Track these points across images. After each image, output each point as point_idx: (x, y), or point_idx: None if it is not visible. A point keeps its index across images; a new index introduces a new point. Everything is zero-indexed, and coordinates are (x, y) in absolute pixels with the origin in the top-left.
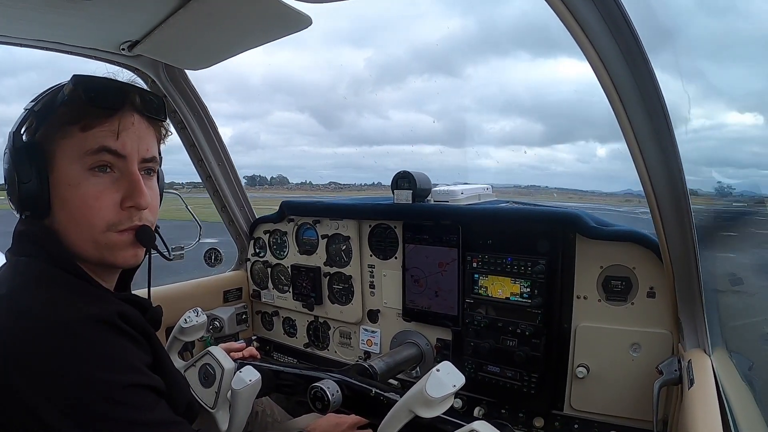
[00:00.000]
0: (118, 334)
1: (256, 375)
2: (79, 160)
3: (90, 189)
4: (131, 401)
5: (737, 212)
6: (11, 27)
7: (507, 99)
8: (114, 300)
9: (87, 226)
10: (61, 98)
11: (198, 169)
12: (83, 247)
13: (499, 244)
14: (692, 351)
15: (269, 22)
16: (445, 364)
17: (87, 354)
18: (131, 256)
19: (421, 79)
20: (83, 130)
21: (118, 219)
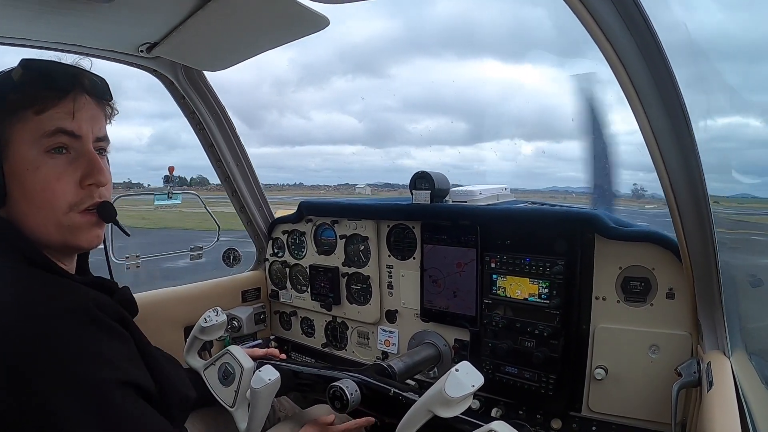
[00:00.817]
0: (98, 328)
1: (275, 374)
2: (36, 144)
3: (50, 171)
4: (113, 401)
5: (651, 214)
6: (29, 30)
7: (431, 99)
8: (84, 288)
9: (49, 208)
10: (10, 84)
11: (216, 169)
12: (46, 231)
13: (517, 244)
14: (711, 353)
15: (287, 23)
16: (464, 364)
17: (67, 350)
18: (95, 237)
19: (344, 79)
20: (38, 113)
21: (79, 198)
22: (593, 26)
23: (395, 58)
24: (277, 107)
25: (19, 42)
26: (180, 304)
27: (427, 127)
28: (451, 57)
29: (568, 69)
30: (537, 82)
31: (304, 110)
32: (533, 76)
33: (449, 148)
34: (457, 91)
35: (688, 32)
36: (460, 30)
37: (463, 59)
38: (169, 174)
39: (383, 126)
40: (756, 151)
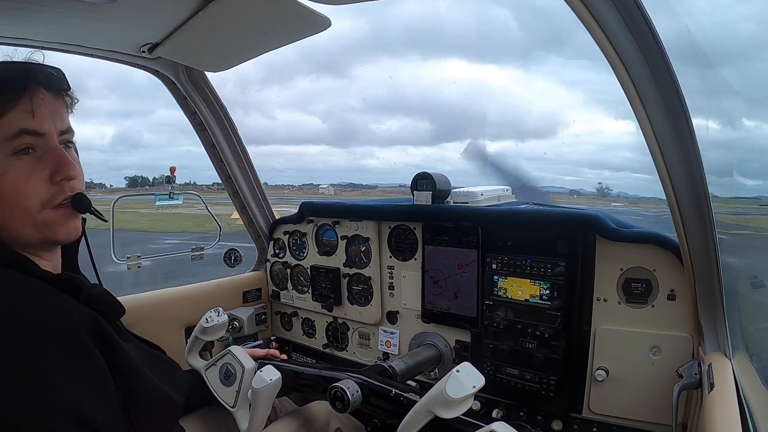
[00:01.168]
0: (60, 347)
1: (276, 374)
2: (1, 147)
3: (18, 173)
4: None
5: (617, 212)
6: (32, 30)
7: (395, 99)
8: (58, 295)
9: (22, 209)
10: None
11: (218, 170)
12: (23, 231)
13: (518, 245)
14: (713, 354)
15: (288, 23)
16: (464, 365)
17: (23, 363)
18: (73, 229)
19: (308, 79)
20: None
21: (51, 195)
22: (595, 28)
23: (359, 58)
24: (241, 106)
25: (20, 42)
26: (181, 304)
27: (390, 127)
28: (416, 57)
29: (534, 70)
30: (502, 82)
31: (268, 109)
32: (498, 77)
33: (413, 148)
34: (420, 91)
35: (689, 33)
36: (425, 30)
37: (427, 60)
38: (170, 174)
39: (347, 126)
40: (710, 153)
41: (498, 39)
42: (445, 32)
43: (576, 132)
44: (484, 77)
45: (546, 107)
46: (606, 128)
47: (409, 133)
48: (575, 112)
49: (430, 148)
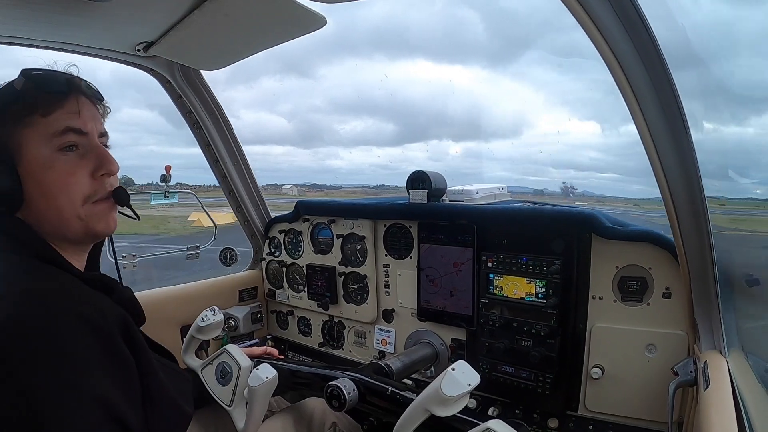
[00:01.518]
0: (96, 340)
1: (272, 372)
2: (48, 143)
3: (64, 167)
4: (86, 418)
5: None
6: (27, 29)
7: (360, 100)
8: (91, 292)
9: (67, 201)
10: (14, 93)
11: (213, 169)
12: (66, 224)
13: (514, 244)
14: (708, 352)
15: (284, 22)
16: (460, 363)
17: (61, 353)
18: (112, 222)
19: (273, 79)
20: (44, 115)
21: (93, 190)
22: (591, 28)
23: (325, 59)
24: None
25: (16, 41)
26: (176, 303)
27: (355, 127)
28: (382, 58)
29: (500, 71)
30: (468, 83)
31: (233, 109)
32: (464, 77)
33: (377, 148)
34: (386, 91)
35: (686, 34)
36: (392, 31)
37: (394, 60)
38: (166, 173)
39: (312, 126)
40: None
41: (465, 40)
42: (412, 33)
43: (541, 132)
44: (450, 78)
45: (512, 108)
46: (571, 129)
47: (374, 133)
48: (541, 113)
49: (394, 149)
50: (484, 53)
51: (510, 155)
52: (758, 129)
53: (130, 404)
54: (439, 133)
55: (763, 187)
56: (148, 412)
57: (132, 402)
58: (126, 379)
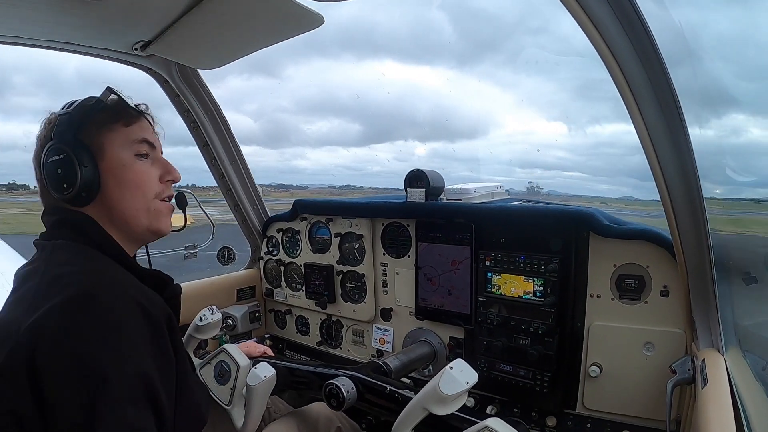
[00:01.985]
0: (150, 329)
1: (271, 371)
2: (128, 147)
3: (140, 168)
4: (133, 396)
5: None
6: (24, 28)
7: (326, 100)
8: (146, 288)
9: (142, 195)
10: (101, 104)
11: (211, 168)
12: (137, 215)
13: (512, 242)
14: (706, 350)
15: (281, 21)
16: (457, 361)
17: (124, 333)
18: (170, 222)
19: (240, 78)
20: (126, 125)
21: (161, 190)
22: (590, 27)
23: (292, 59)
24: (169, 105)
25: (13, 40)
26: None
27: (321, 128)
28: (350, 58)
29: (467, 72)
30: (435, 83)
31: None
32: (431, 78)
33: (343, 149)
34: (352, 92)
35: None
36: (360, 32)
37: (361, 60)
38: None
39: (279, 127)
40: (634, 157)
41: (433, 41)
42: (380, 34)
43: (508, 132)
44: (417, 78)
45: (479, 108)
46: (538, 129)
47: (340, 134)
48: (508, 113)
49: (360, 149)
50: (451, 54)
51: (476, 155)
52: (718, 131)
53: (166, 393)
54: (405, 133)
55: (722, 187)
56: (176, 409)
57: (167, 392)
58: (166, 369)
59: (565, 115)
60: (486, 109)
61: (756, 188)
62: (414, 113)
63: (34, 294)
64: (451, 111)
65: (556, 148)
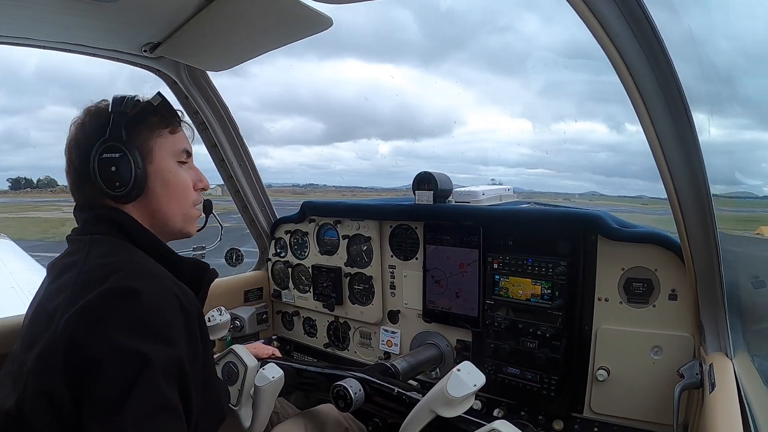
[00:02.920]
0: (184, 318)
1: (279, 372)
2: (173, 155)
3: (184, 175)
4: (162, 383)
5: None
6: (35, 29)
7: (290, 98)
8: (181, 285)
9: (184, 201)
10: (151, 108)
11: (219, 169)
12: (174, 218)
13: (520, 245)
14: (714, 354)
15: (290, 23)
16: (465, 364)
17: (166, 315)
18: (196, 227)
19: None
20: (172, 133)
21: (196, 196)
22: (598, 29)
23: (256, 58)
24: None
25: (23, 42)
26: None
27: (284, 126)
28: (312, 57)
29: (431, 70)
30: (399, 82)
31: None
32: (395, 76)
33: (306, 147)
34: (315, 90)
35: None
36: (325, 30)
37: (324, 59)
38: None
39: (242, 125)
40: (599, 153)
41: (397, 39)
42: (344, 32)
43: (471, 130)
44: (381, 77)
45: (442, 106)
46: (502, 126)
47: (303, 132)
48: (471, 111)
49: (323, 148)
50: (416, 52)
51: (439, 154)
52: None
53: (194, 382)
54: (368, 132)
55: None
56: (201, 400)
57: (195, 381)
58: (194, 360)
59: (530, 112)
60: (450, 107)
61: (714, 185)
62: (377, 112)
63: (74, 283)
64: (415, 109)
65: (521, 145)
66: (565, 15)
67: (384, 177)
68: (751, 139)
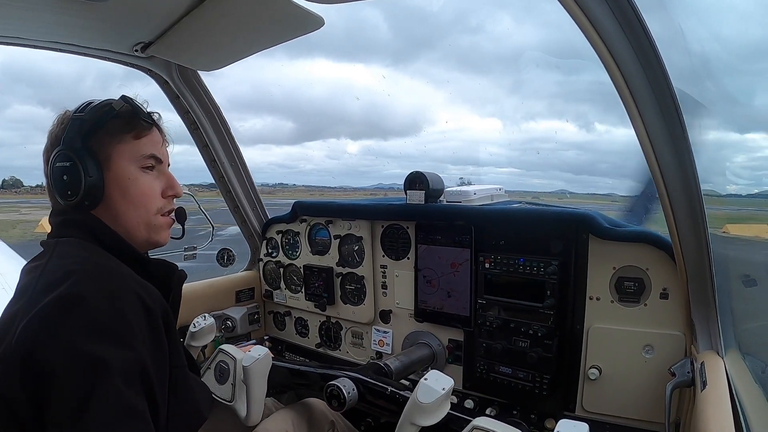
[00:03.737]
0: (148, 320)
1: (264, 350)
2: (135, 161)
3: (145, 182)
4: (121, 385)
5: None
6: (25, 29)
7: (260, 97)
8: (145, 284)
9: (144, 210)
10: (111, 112)
11: (211, 169)
12: (137, 228)
13: (511, 244)
14: (705, 353)
15: (282, 22)
16: (431, 372)
17: (128, 320)
18: (168, 236)
19: None
20: (136, 138)
21: (163, 204)
22: (589, 29)
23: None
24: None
25: (13, 41)
26: None
27: (254, 125)
28: (282, 56)
29: (401, 69)
30: (368, 81)
31: None
32: (365, 76)
33: (276, 147)
34: (285, 90)
35: (684, 35)
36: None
37: (294, 59)
38: None
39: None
40: (568, 152)
41: (367, 39)
42: (316, 32)
43: (441, 129)
44: (351, 76)
45: (412, 105)
46: (471, 125)
47: (273, 131)
48: (441, 110)
49: (293, 147)
50: (386, 52)
51: (408, 153)
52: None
53: (159, 383)
54: (337, 131)
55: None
56: (170, 403)
57: (160, 382)
58: (160, 361)
59: (499, 111)
60: (420, 107)
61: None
62: (347, 111)
63: (33, 288)
64: (385, 109)
65: (490, 144)
66: (539, 15)
67: (353, 176)
68: (714, 139)
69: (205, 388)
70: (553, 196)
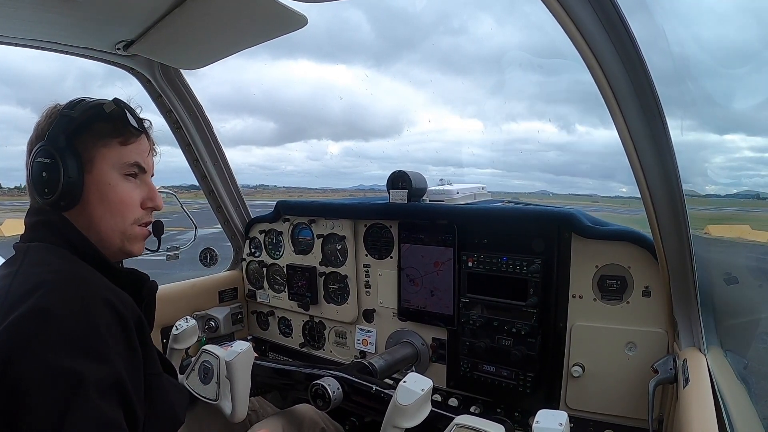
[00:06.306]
0: (122, 328)
1: (245, 344)
2: (117, 167)
3: (125, 190)
4: (93, 396)
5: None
6: (6, 27)
7: (241, 98)
8: (118, 291)
9: (121, 218)
10: (102, 115)
11: (193, 169)
12: (111, 235)
13: (494, 243)
14: (687, 350)
15: (265, 21)
16: (409, 375)
17: (98, 330)
18: (142, 247)
19: None
20: (122, 144)
21: (141, 215)
22: (572, 29)
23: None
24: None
25: None
26: (156, 305)
27: (235, 126)
28: (265, 57)
29: (383, 71)
30: (350, 82)
31: None
32: (347, 77)
33: (257, 148)
34: (266, 91)
35: (665, 37)
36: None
37: (277, 59)
38: None
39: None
40: (549, 153)
41: (350, 40)
42: (297, 32)
43: (422, 130)
44: (332, 77)
45: (393, 106)
46: (452, 126)
47: (254, 132)
48: (422, 111)
49: (274, 149)
50: (368, 52)
51: (388, 154)
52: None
53: (135, 391)
54: (319, 132)
55: (627, 186)
56: (147, 410)
57: (136, 389)
58: (135, 370)
59: (481, 112)
60: (401, 108)
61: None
62: (329, 112)
63: (4, 299)
64: (366, 110)
65: (471, 145)
66: (522, 17)
67: (334, 177)
68: (694, 140)
69: (182, 391)
70: (534, 197)
